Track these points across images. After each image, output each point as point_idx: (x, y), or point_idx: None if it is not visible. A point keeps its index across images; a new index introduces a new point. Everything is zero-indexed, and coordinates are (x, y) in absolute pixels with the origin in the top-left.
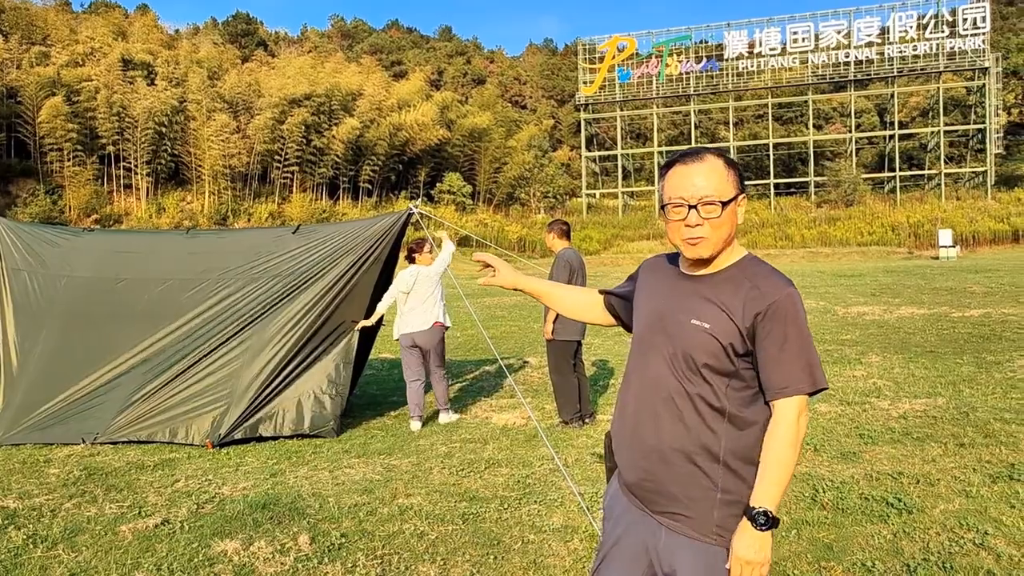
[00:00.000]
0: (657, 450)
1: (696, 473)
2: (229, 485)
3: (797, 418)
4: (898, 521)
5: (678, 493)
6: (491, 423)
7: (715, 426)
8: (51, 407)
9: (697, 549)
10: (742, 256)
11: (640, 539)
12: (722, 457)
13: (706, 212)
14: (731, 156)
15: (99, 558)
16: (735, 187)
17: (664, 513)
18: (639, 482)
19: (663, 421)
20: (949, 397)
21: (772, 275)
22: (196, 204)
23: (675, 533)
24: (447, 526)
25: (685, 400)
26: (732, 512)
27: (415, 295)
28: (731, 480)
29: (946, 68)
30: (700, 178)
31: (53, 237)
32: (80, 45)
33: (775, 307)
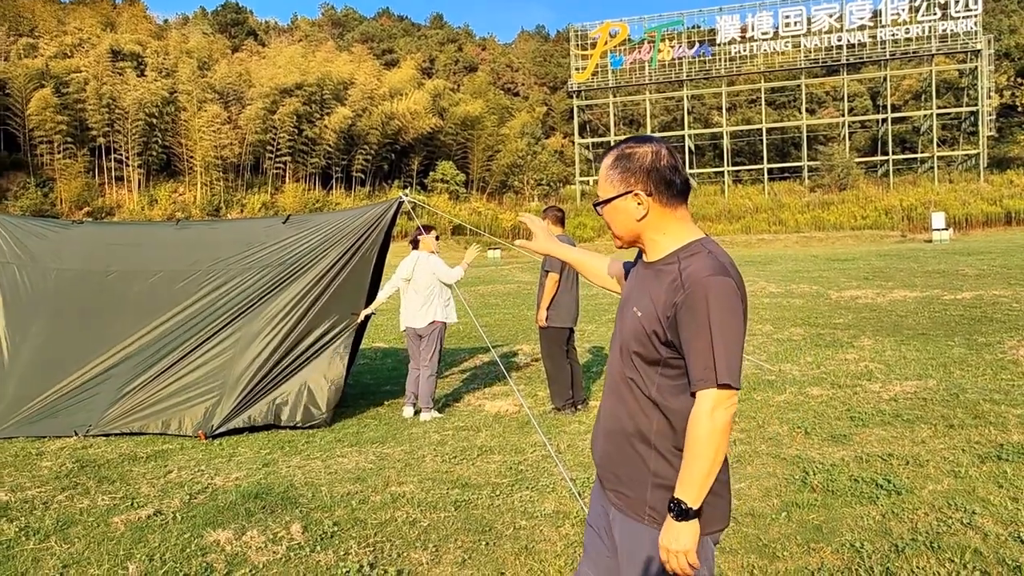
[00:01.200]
0: (607, 431)
1: (633, 456)
2: (222, 475)
3: (711, 411)
4: (887, 502)
5: (620, 473)
6: (484, 411)
7: (648, 412)
8: (42, 400)
9: (633, 527)
10: (688, 242)
11: (603, 510)
12: (653, 442)
13: (595, 208)
14: (638, 149)
15: (91, 549)
16: (617, 186)
17: (611, 490)
18: (598, 460)
19: (611, 404)
20: (940, 379)
21: (701, 263)
22: (188, 195)
23: (617, 510)
24: (439, 513)
25: (625, 385)
26: (664, 496)
27: (416, 283)
28: (662, 465)
29: (938, 51)
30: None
31: (42, 230)
32: (68, 36)
33: (693, 296)
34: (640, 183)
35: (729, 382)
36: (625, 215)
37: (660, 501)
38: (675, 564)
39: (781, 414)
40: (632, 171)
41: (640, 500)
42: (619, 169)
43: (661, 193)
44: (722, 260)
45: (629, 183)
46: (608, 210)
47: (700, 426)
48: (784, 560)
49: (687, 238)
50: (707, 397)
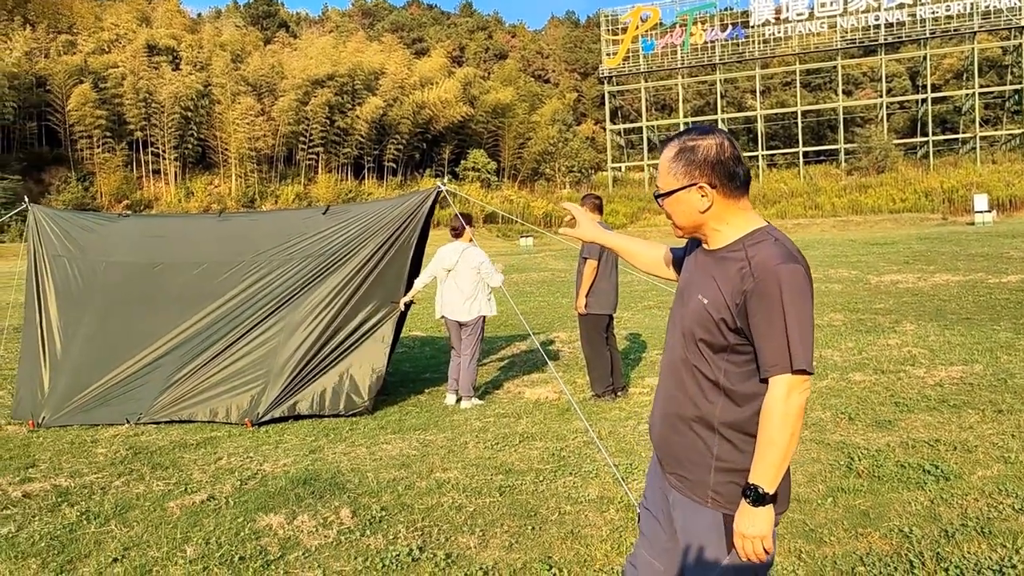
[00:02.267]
0: (667, 415)
1: (695, 440)
2: (270, 462)
3: (786, 396)
4: (935, 488)
5: (681, 456)
6: (524, 398)
7: (712, 397)
8: (95, 390)
9: (694, 509)
10: (752, 230)
11: (662, 494)
12: (717, 427)
13: (657, 200)
14: (700, 142)
15: (150, 533)
16: (680, 178)
17: (672, 473)
18: (657, 443)
19: (672, 389)
20: (986, 364)
21: (769, 250)
22: (223, 187)
23: (679, 493)
24: (484, 499)
25: (687, 371)
26: (727, 479)
27: (458, 275)
28: (726, 448)
29: (980, 28)
30: (659, 167)
31: (90, 223)
32: (105, 32)
33: (765, 284)
34: (705, 176)
35: (804, 367)
36: (688, 207)
37: (722, 484)
38: (750, 550)
39: (824, 400)
40: (696, 164)
41: (702, 483)
42: (683, 161)
43: (725, 185)
44: (788, 247)
45: (693, 176)
46: (670, 202)
47: (775, 411)
48: (831, 545)
49: (750, 226)
50: (781, 382)
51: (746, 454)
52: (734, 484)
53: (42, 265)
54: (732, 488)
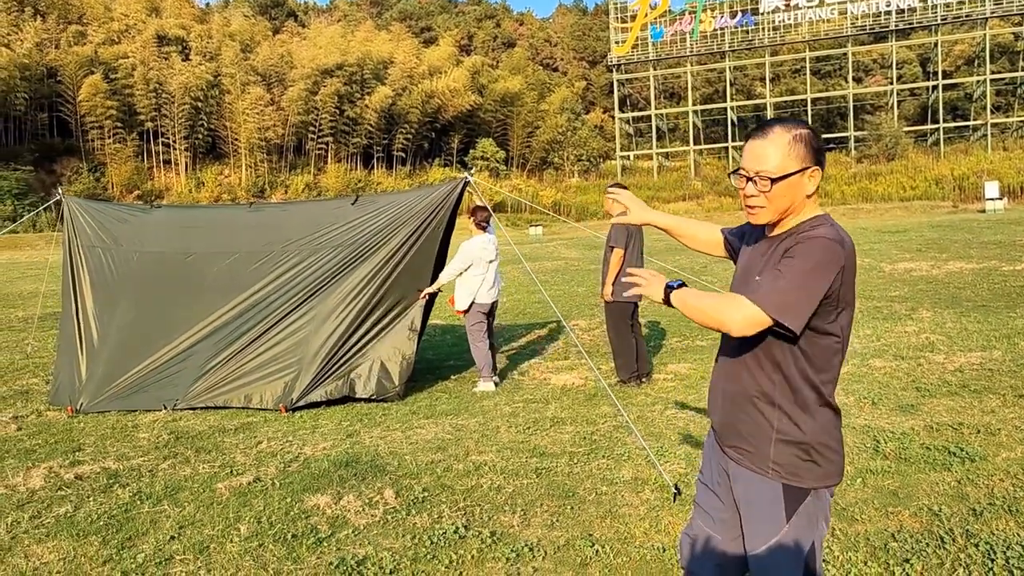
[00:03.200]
0: (727, 392)
1: (756, 414)
2: (310, 446)
3: (743, 320)
4: (961, 469)
5: (743, 431)
6: (550, 384)
7: (772, 375)
8: (131, 376)
9: (756, 480)
10: (811, 216)
11: (722, 469)
12: (777, 402)
13: (761, 185)
14: (805, 130)
15: (202, 512)
16: (800, 161)
17: (731, 447)
18: (718, 419)
19: (732, 367)
20: (1005, 350)
21: (822, 228)
22: (234, 177)
23: (739, 465)
24: (522, 480)
25: (749, 351)
26: (787, 451)
27: (496, 264)
28: (786, 423)
29: (992, 14)
30: (760, 152)
31: (123, 214)
32: (115, 23)
33: (798, 245)
34: (814, 161)
35: (786, 323)
36: (798, 190)
37: (782, 455)
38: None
39: (845, 385)
40: (813, 149)
41: (763, 455)
42: (802, 145)
43: (821, 173)
44: (841, 232)
45: (807, 160)
46: (784, 185)
47: (733, 306)
48: (863, 523)
49: (815, 212)
50: (750, 310)
51: (804, 427)
52: (794, 456)
53: (77, 256)
54: (792, 459)
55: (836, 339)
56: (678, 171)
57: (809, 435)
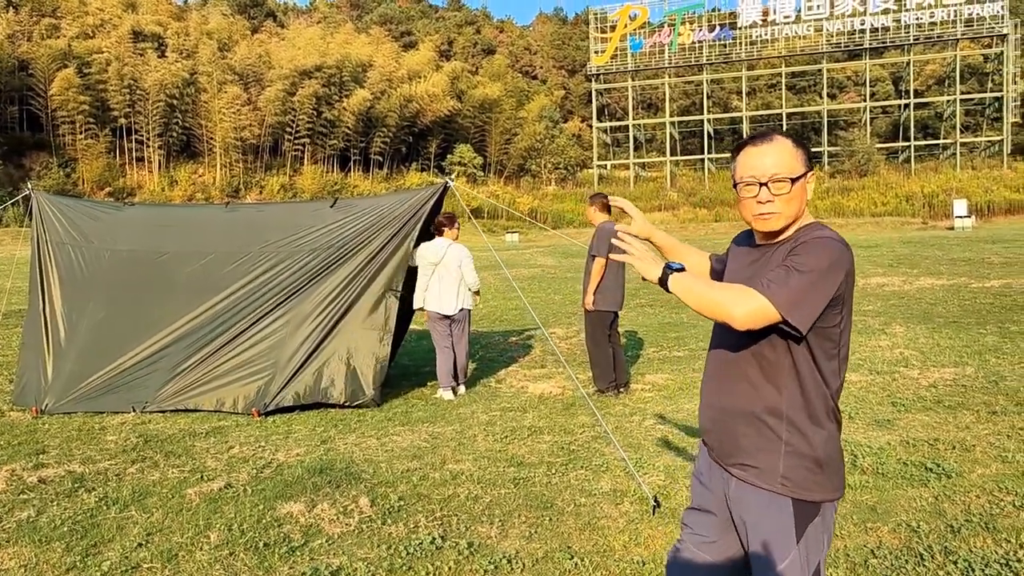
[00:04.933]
0: (725, 409)
1: (762, 428)
2: (283, 451)
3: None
4: (938, 485)
5: (748, 447)
6: (528, 392)
7: (779, 385)
8: (100, 377)
9: (763, 497)
10: (808, 223)
11: (719, 489)
12: (786, 413)
13: (776, 189)
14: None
15: (171, 519)
16: (804, 165)
17: (734, 465)
18: (715, 438)
19: (729, 382)
20: (977, 367)
21: (821, 231)
22: (208, 176)
23: (744, 483)
24: (499, 490)
25: (751, 363)
26: (797, 463)
27: (445, 269)
28: (794, 435)
29: (963, 35)
30: (769, 158)
31: (95, 211)
32: (90, 17)
33: (804, 244)
34: (813, 167)
35: (791, 318)
36: (804, 194)
37: (792, 468)
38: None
39: None
40: (809, 154)
41: (772, 470)
42: (803, 150)
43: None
44: (838, 236)
45: (809, 165)
46: (796, 188)
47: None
48: (843, 538)
49: (809, 220)
50: (758, 302)
51: (814, 439)
52: (804, 468)
53: (45, 252)
54: (802, 472)
55: (842, 345)
56: (654, 181)
57: (819, 447)
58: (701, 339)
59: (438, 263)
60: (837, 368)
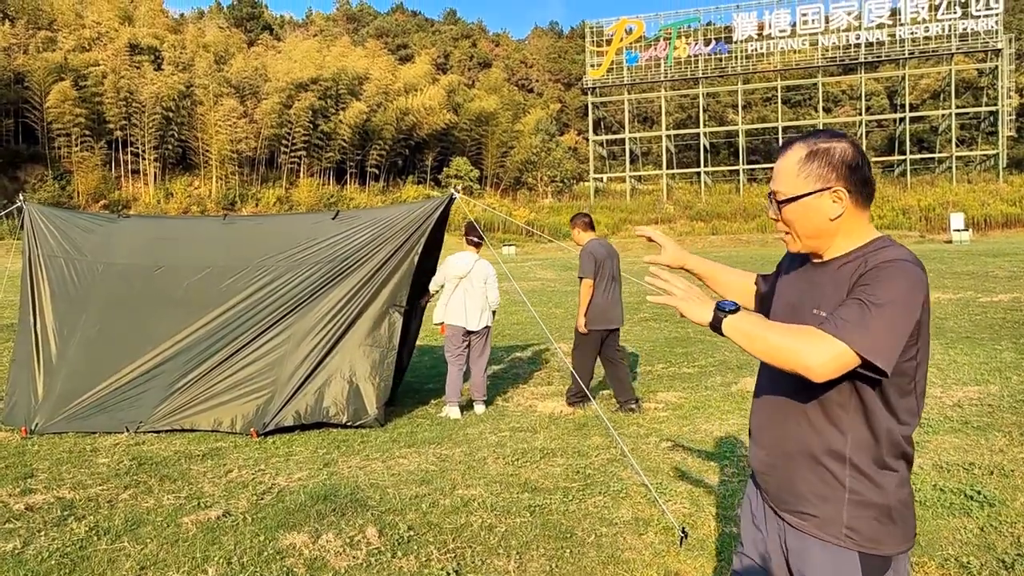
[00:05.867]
0: (784, 451)
1: (823, 474)
2: (284, 475)
3: (827, 360)
4: (982, 515)
5: (806, 493)
6: (537, 411)
7: (842, 426)
8: (92, 396)
9: (825, 550)
10: (870, 240)
11: (776, 535)
12: (849, 457)
13: (778, 206)
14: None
15: (166, 551)
16: (815, 181)
17: (792, 512)
18: (770, 482)
19: (788, 422)
20: (1000, 385)
21: (889, 250)
22: (204, 189)
23: (803, 533)
24: (514, 518)
25: (810, 400)
26: (863, 514)
27: (471, 284)
28: (860, 481)
29: (958, 50)
30: (776, 169)
31: (88, 223)
32: (87, 30)
33: (877, 269)
34: (841, 180)
35: (874, 360)
36: (817, 214)
37: (857, 519)
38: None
39: None
40: (833, 166)
41: (834, 520)
42: (816, 164)
43: (859, 192)
44: (911, 254)
45: (828, 180)
46: (795, 208)
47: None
48: None
49: (870, 236)
50: (836, 348)
51: (883, 485)
52: (872, 519)
53: (37, 265)
54: (870, 523)
55: (918, 379)
56: (650, 194)
57: (889, 494)
58: (710, 355)
59: (464, 277)
60: (915, 405)
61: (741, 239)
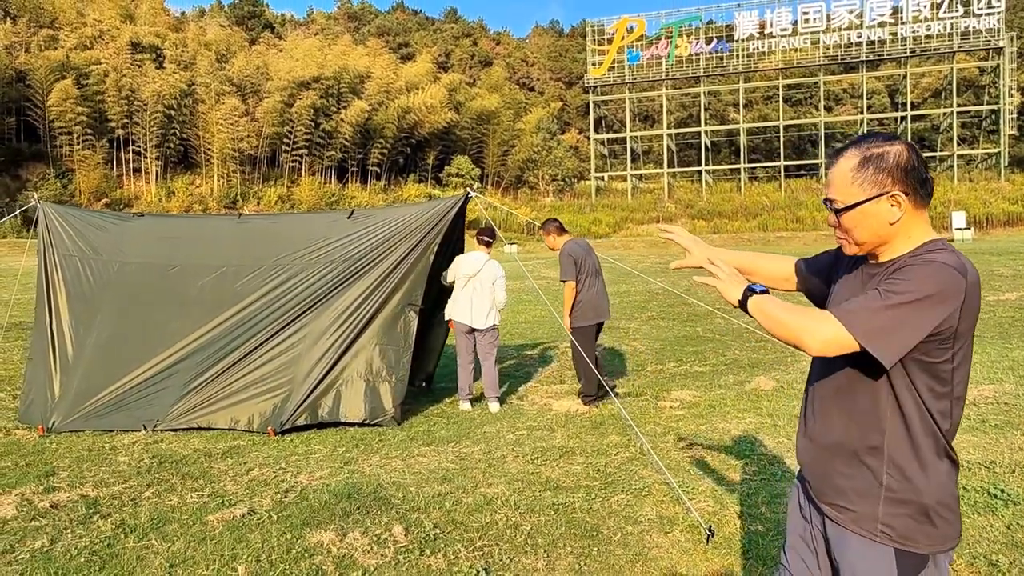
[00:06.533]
0: (824, 445)
1: (861, 469)
2: (305, 473)
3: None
4: (1007, 512)
5: (845, 487)
6: (552, 410)
7: (882, 422)
8: (109, 394)
9: (862, 544)
10: (924, 242)
11: (819, 526)
12: (887, 453)
13: (836, 215)
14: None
15: (193, 548)
16: (872, 187)
17: (830, 504)
18: (813, 475)
19: (831, 417)
20: (1015, 383)
21: (937, 253)
22: (205, 187)
23: (840, 526)
24: (539, 516)
25: (852, 397)
26: (899, 511)
27: (481, 283)
28: (896, 478)
29: (960, 48)
30: (829, 177)
31: (103, 222)
32: (88, 28)
33: (908, 266)
34: (898, 183)
35: (871, 348)
36: (876, 220)
37: (893, 516)
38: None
39: None
40: (888, 171)
41: (869, 515)
42: (871, 170)
43: (917, 193)
44: (962, 259)
45: (884, 185)
46: (853, 215)
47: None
48: None
49: (928, 237)
50: (834, 330)
51: (919, 484)
52: (907, 517)
53: (52, 265)
54: (905, 521)
55: (955, 384)
56: (651, 193)
57: (925, 493)
58: (720, 353)
59: (473, 276)
60: (948, 408)
61: (743, 237)
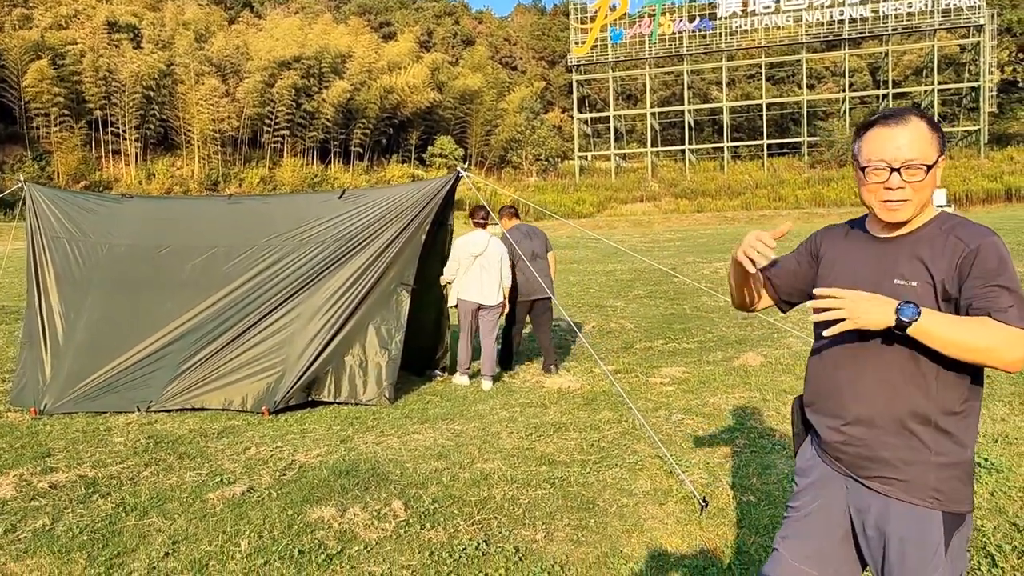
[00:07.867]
0: (863, 418)
1: (908, 438)
2: (302, 452)
3: (1020, 349)
4: (990, 480)
5: (891, 458)
6: (545, 387)
7: (927, 389)
8: (100, 376)
9: (913, 513)
10: (937, 213)
11: (840, 500)
12: (934, 419)
13: (909, 176)
14: (933, 117)
15: (195, 525)
16: (938, 149)
17: (874, 478)
18: (851, 450)
19: (871, 388)
20: None
21: (971, 225)
22: (186, 169)
23: (887, 497)
24: (536, 490)
25: (894, 365)
26: (949, 475)
27: (487, 262)
28: (944, 442)
29: (941, 26)
30: (903, 141)
31: (91, 204)
32: (63, 7)
33: (979, 253)
34: (944, 148)
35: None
36: (933, 181)
37: (945, 480)
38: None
39: None
40: (943, 138)
41: (921, 483)
42: (939, 133)
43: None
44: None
45: (942, 148)
46: (930, 176)
47: (1002, 344)
48: None
49: (933, 208)
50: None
51: (966, 443)
52: (956, 479)
53: (40, 247)
54: (954, 483)
55: None
56: (635, 172)
57: (969, 452)
58: (708, 331)
59: (480, 255)
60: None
61: (726, 216)
